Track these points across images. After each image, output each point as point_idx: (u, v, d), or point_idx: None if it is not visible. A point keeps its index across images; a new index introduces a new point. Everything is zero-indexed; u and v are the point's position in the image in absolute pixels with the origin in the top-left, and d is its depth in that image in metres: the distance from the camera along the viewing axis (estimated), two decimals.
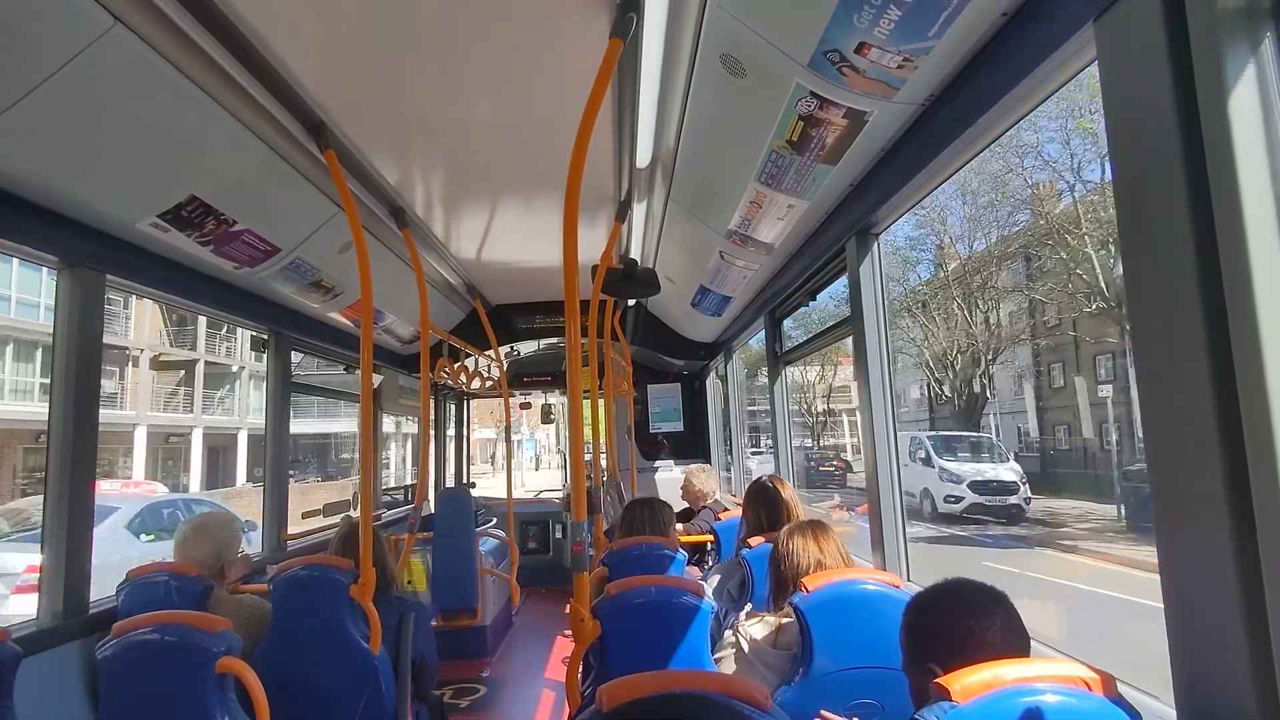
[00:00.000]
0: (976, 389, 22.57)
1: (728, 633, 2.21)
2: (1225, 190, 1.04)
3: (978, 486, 15.32)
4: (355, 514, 2.90)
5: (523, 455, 28.95)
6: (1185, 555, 1.12)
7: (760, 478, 3.07)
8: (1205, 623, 1.08)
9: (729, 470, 6.59)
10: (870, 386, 2.61)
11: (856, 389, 2.71)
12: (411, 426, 11.66)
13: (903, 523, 2.60)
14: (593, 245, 3.53)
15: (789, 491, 2.94)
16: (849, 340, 2.80)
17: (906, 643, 1.40)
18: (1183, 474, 1.11)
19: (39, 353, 19.80)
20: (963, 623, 1.30)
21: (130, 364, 22.99)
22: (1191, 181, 1.07)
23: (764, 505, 2.88)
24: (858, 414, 2.82)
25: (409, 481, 7.86)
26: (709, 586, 2.66)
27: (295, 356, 4.19)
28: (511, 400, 6.49)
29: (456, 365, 5.84)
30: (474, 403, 8.28)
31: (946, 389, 23.62)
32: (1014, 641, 1.29)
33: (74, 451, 2.37)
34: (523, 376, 7.26)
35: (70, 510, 2.34)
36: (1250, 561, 1.00)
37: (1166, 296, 1.12)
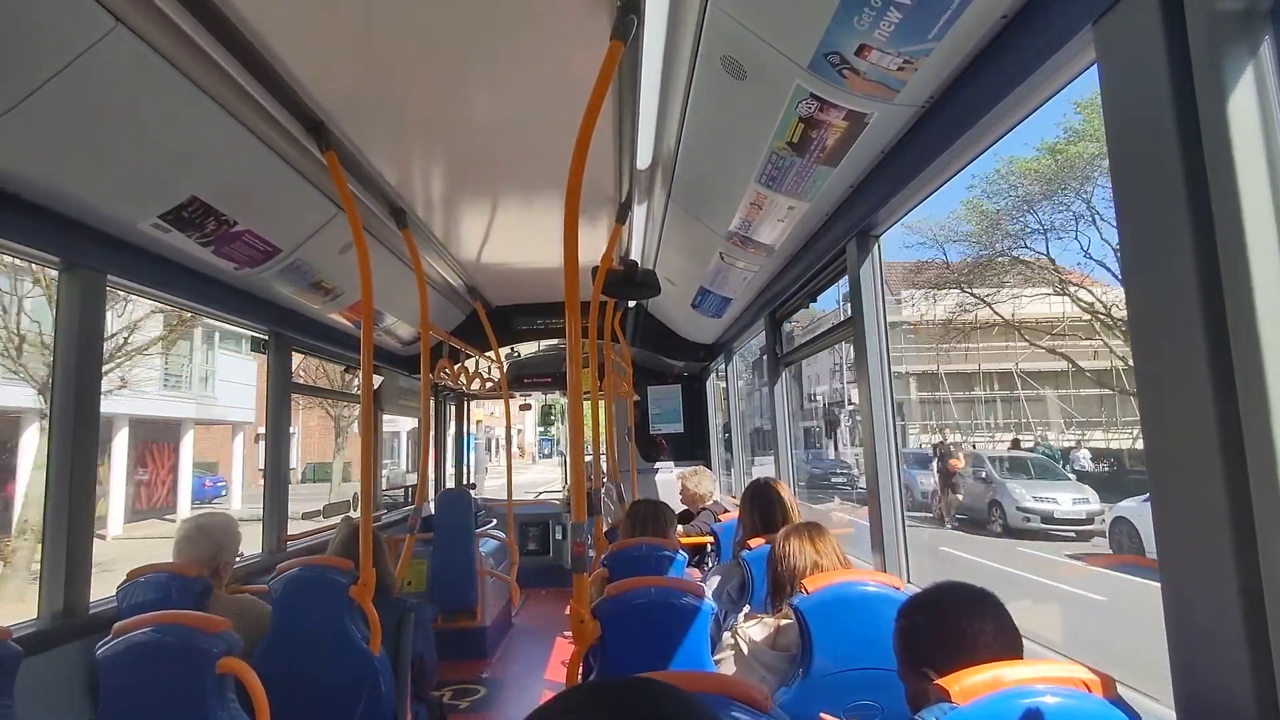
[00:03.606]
0: None
1: (727, 635, 2.21)
2: (1224, 192, 1.04)
3: None
4: (355, 515, 2.90)
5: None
6: (1185, 556, 1.12)
7: (757, 479, 3.06)
8: (1205, 624, 1.08)
9: (729, 472, 6.59)
10: (870, 387, 2.61)
11: (857, 390, 2.71)
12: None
13: (903, 523, 2.60)
14: (593, 247, 3.53)
15: (786, 493, 2.94)
16: None
17: (900, 647, 1.40)
18: (1182, 476, 1.11)
19: None
20: (957, 625, 1.31)
21: None
22: (1191, 183, 1.07)
23: (760, 507, 2.88)
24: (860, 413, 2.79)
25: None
26: (709, 588, 2.66)
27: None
28: (511, 401, 6.49)
29: (457, 366, 5.84)
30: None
31: None
32: (1007, 642, 1.30)
33: (74, 452, 2.37)
34: (523, 378, 7.25)
35: (70, 510, 2.34)
36: (1249, 563, 1.00)
37: (1166, 299, 1.12)
